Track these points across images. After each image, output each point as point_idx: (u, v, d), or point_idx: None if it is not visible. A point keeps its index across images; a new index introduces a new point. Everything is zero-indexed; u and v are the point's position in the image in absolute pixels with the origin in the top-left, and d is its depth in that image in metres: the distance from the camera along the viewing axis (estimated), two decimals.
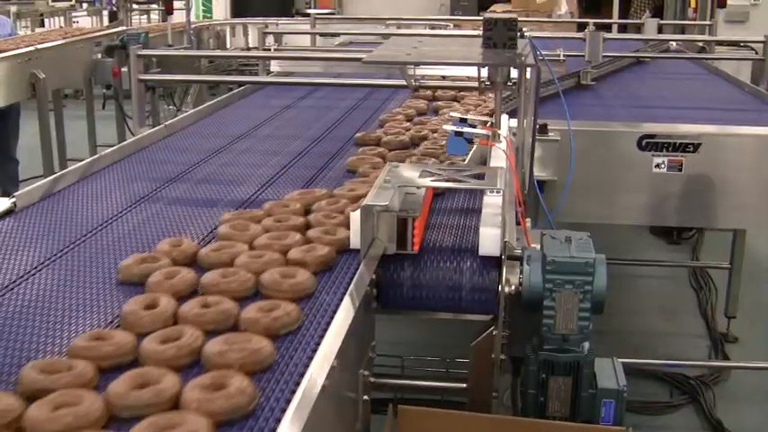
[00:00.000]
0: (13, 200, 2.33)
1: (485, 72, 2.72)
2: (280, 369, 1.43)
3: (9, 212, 2.29)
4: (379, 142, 3.05)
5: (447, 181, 2.09)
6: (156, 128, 3.43)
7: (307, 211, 2.20)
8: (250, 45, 9.16)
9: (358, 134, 3.18)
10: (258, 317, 1.55)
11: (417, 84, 3.33)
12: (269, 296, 1.68)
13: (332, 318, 1.60)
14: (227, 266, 1.80)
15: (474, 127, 2.55)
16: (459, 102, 3.80)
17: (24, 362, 1.43)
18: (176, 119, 3.74)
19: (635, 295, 5.01)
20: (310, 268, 1.81)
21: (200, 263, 1.87)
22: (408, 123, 3.39)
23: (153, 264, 1.82)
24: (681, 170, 3.49)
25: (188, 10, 7.64)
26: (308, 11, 10.37)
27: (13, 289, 1.80)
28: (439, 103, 3.80)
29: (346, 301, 1.65)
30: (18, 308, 1.70)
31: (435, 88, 3.83)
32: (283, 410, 1.29)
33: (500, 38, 2.48)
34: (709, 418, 3.67)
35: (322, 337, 1.52)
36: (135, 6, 9.66)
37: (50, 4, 10.81)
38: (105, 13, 10.63)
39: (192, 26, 7.82)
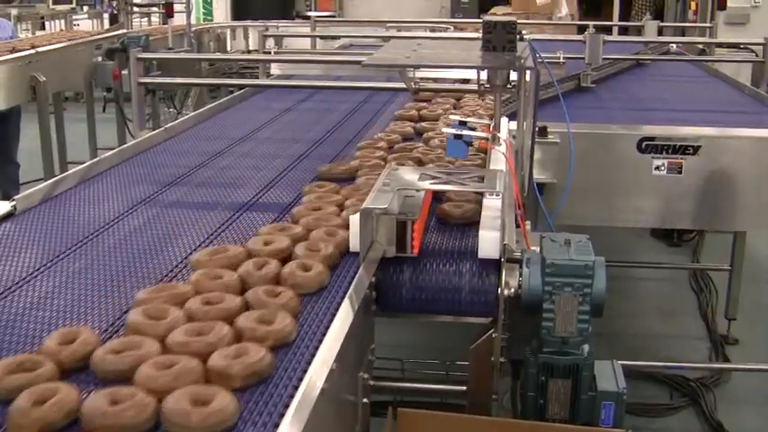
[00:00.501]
0: (13, 203, 2.33)
1: (484, 75, 2.72)
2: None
3: (9, 216, 2.29)
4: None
5: (446, 184, 2.09)
6: (157, 131, 3.43)
7: (244, 282, 1.76)
8: (250, 48, 9.18)
9: (323, 167, 2.69)
10: None
11: (417, 87, 3.32)
12: None
13: (331, 320, 1.60)
14: (127, 378, 1.36)
15: (474, 130, 2.55)
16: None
17: None
18: (176, 122, 3.74)
19: (635, 297, 5.01)
20: (236, 383, 1.35)
21: (94, 370, 1.41)
22: (382, 153, 2.86)
23: (29, 373, 1.35)
24: (681, 172, 3.49)
25: (188, 13, 7.65)
26: (309, 13, 10.36)
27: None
28: (424, 124, 3.36)
29: (345, 303, 1.65)
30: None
31: (435, 91, 3.79)
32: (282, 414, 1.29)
33: (499, 41, 2.49)
34: (709, 421, 3.67)
35: (320, 340, 1.52)
36: (135, 9, 9.69)
37: (51, 7, 10.85)
38: (106, 16, 10.68)
39: (193, 29, 7.83)
